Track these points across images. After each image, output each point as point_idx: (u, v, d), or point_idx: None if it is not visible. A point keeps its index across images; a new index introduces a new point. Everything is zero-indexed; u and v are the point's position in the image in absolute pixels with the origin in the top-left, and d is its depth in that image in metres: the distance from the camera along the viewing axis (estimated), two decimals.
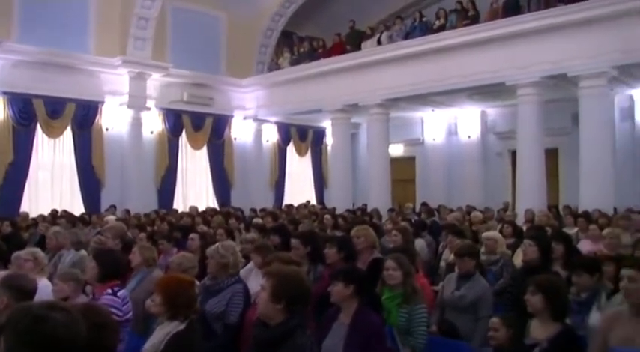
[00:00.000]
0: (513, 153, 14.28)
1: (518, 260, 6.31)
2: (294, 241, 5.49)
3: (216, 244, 4.82)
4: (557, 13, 11.74)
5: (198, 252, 6.12)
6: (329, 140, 19.17)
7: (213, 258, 4.50)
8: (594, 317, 4.25)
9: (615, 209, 11.20)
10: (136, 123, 15.79)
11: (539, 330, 3.63)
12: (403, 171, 18.49)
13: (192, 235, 7.15)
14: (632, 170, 14.03)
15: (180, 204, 16.47)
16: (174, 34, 16.52)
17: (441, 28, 14.06)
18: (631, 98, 14.49)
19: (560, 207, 13.21)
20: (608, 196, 11.33)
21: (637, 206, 12.06)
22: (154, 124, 16.24)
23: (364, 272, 4.43)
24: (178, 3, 16.53)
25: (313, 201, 18.74)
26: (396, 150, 18.36)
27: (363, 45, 15.72)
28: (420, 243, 8.11)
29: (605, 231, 7.02)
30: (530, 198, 12.02)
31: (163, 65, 15.92)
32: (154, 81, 16.04)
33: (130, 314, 4.16)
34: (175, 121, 16.63)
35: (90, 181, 15.00)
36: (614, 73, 11.48)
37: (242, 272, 5.01)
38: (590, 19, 11.18)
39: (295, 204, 16.41)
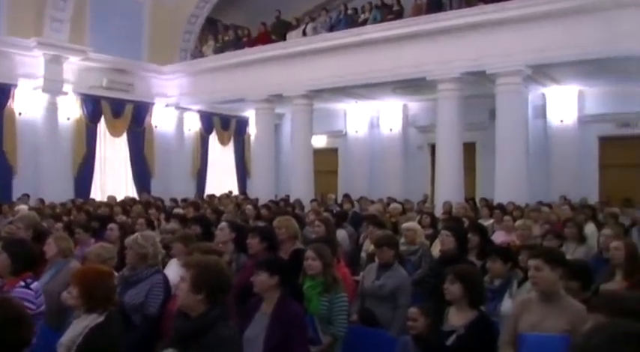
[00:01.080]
0: (433, 147, 14.64)
1: (436, 250, 6.48)
2: (222, 224, 5.50)
3: (136, 234, 4.72)
4: (477, 11, 12.14)
5: (118, 243, 5.96)
6: (252, 130, 19.02)
7: (132, 249, 4.40)
8: (506, 304, 4.46)
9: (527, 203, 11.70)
10: (52, 109, 15.13)
11: (456, 317, 3.77)
12: (326, 163, 18.64)
13: (111, 225, 6.94)
14: (543, 165, 14.72)
15: (98, 194, 15.94)
16: (94, 16, 15.86)
17: (366, 22, 14.22)
18: (543, 96, 15.17)
19: (477, 200, 13.67)
20: (522, 189, 11.83)
21: (547, 199, 12.70)
22: (70, 110, 15.61)
23: (288, 262, 4.44)
24: None
25: (236, 192, 18.60)
26: (319, 141, 18.48)
27: (288, 35, 15.71)
28: (341, 234, 8.18)
29: (518, 223, 7.32)
30: (448, 191, 12.39)
31: (82, 48, 15.29)
32: (72, 65, 15.39)
33: (43, 307, 4.00)
34: (94, 107, 16.05)
35: (1, 168, 14.30)
36: (529, 72, 12.00)
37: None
38: (507, 20, 11.62)
39: (217, 194, 16.24)
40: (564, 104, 14.92)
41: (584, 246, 6.82)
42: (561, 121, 14.91)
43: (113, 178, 16.88)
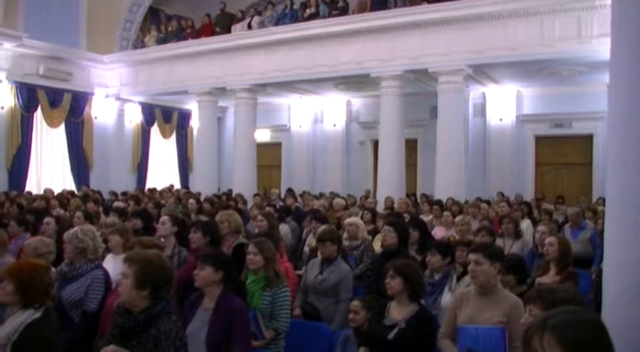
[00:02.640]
0: (376, 143, 14.80)
1: (377, 245, 6.58)
2: (164, 217, 5.44)
3: (75, 228, 4.59)
4: (419, 10, 12.32)
5: (54, 237, 5.79)
6: (195, 123, 18.78)
7: (71, 243, 4.27)
8: (446, 298, 4.57)
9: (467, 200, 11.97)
10: None
11: (397, 311, 3.84)
12: (269, 157, 18.60)
13: (47, 219, 6.72)
14: (482, 162, 15.12)
15: (33, 186, 15.37)
16: (30, 1, 15.23)
17: (312, 17, 14.23)
18: (483, 95, 15.55)
19: (418, 195, 13.90)
20: (461, 185, 12.11)
21: (485, 195, 13.05)
22: (4, 99, 14.95)
23: (232, 258, 4.42)
24: None
25: (177, 185, 18.34)
26: (263, 135, 18.40)
27: (233, 28, 15.55)
28: (284, 228, 8.20)
29: (457, 219, 7.50)
30: (390, 186, 12.56)
31: (16, 34, 14.64)
32: (6, 51, 14.73)
33: None
34: (30, 96, 15.44)
35: None
36: (469, 71, 12.27)
37: None
38: (449, 20, 11.85)
39: (158, 188, 15.98)
40: (503, 103, 15.34)
41: (520, 241, 7.04)
42: (500, 120, 15.32)
43: (50, 170, 16.27)
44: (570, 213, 8.31)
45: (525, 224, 8.33)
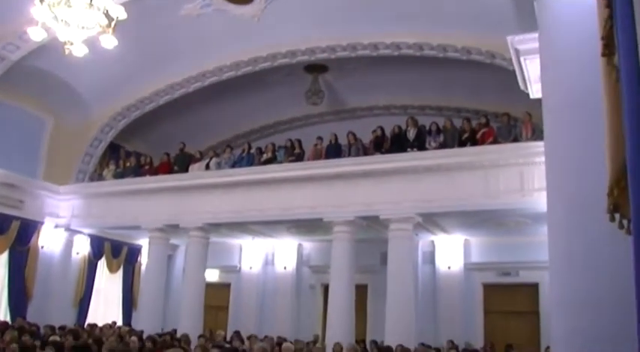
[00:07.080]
0: (326, 287, 14.78)
1: None
2: None
3: None
4: (372, 160, 13.00)
5: None
6: (144, 259, 18.46)
7: None
8: None
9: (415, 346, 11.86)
10: None
11: None
12: (217, 297, 18.22)
13: None
14: (431, 308, 15.15)
15: None
16: None
17: (268, 162, 14.72)
18: (433, 244, 15.93)
19: (368, 342, 13.71)
20: (410, 332, 12.04)
21: (435, 342, 13.00)
22: None
23: None
24: (0, 96, 15.26)
25: (120, 322, 17.61)
26: (212, 275, 18.16)
27: (190, 168, 15.87)
28: None
29: None
30: (339, 332, 12.39)
31: None
32: None
33: None
34: None
35: None
36: (419, 220, 12.70)
37: None
38: (399, 170, 12.47)
39: (100, 324, 15.33)
40: (451, 252, 15.68)
41: None
42: (449, 268, 15.59)
43: None
44: None
45: None
